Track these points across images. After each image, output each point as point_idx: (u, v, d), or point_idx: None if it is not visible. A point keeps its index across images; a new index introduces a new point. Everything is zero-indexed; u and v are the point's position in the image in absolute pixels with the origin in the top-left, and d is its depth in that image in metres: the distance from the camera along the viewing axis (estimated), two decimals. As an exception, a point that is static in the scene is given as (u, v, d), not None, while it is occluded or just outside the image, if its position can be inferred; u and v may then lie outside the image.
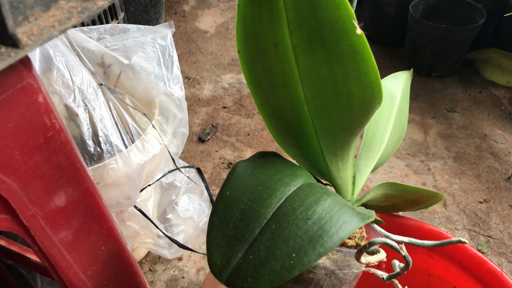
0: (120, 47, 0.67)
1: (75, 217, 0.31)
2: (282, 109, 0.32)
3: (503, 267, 0.90)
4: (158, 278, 0.86)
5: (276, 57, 0.28)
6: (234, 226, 0.29)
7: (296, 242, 0.27)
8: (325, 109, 0.30)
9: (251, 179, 0.32)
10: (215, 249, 0.29)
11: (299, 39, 0.26)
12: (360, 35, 0.25)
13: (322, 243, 0.27)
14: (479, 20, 1.35)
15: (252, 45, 0.28)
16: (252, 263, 0.27)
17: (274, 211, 0.29)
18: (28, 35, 0.20)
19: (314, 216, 0.28)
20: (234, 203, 0.30)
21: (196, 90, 1.40)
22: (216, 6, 1.91)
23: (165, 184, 0.81)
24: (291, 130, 0.34)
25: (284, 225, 0.28)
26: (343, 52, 0.26)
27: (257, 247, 0.28)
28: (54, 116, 0.26)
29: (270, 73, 0.29)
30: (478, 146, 1.20)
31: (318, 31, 0.25)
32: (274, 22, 0.26)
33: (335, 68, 0.27)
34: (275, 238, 0.28)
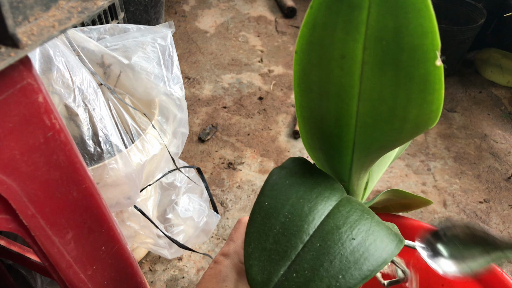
0: (120, 47, 0.67)
1: (75, 217, 0.31)
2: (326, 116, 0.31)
3: (503, 267, 0.90)
4: (158, 278, 0.86)
5: (339, 68, 0.27)
6: (274, 240, 0.28)
7: (342, 263, 0.26)
8: (374, 127, 0.29)
9: (291, 191, 0.31)
10: (254, 263, 0.28)
11: (372, 57, 0.25)
12: (439, 67, 0.24)
13: (369, 266, 0.26)
14: (479, 20, 1.35)
15: (314, 49, 0.27)
16: (295, 282, 0.26)
17: (317, 227, 0.29)
18: (28, 35, 0.20)
19: (358, 236, 0.28)
20: (274, 215, 0.29)
21: (196, 90, 1.40)
22: (216, 6, 1.91)
23: (165, 184, 0.81)
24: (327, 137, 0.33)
25: (330, 244, 0.27)
26: (414, 79, 0.25)
27: (301, 265, 0.27)
28: (54, 116, 0.26)
29: (325, 81, 0.29)
30: (478, 146, 1.20)
31: (395, 53, 0.24)
32: (349, 34, 0.25)
33: (399, 92, 0.26)
34: (320, 257, 0.27)
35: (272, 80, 1.45)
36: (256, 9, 1.90)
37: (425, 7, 0.22)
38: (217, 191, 1.05)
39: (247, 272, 0.28)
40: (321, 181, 0.32)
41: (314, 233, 0.28)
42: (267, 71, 1.50)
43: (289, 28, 1.77)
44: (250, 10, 1.88)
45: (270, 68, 1.52)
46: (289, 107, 1.33)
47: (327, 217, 0.29)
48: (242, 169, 1.11)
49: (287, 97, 1.37)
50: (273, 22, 1.80)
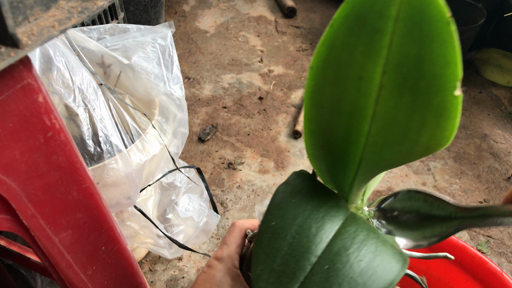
0: (120, 47, 0.67)
1: (75, 217, 0.31)
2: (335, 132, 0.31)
3: (503, 267, 0.90)
4: (158, 278, 0.86)
5: (355, 89, 0.27)
6: (282, 262, 0.28)
7: (351, 285, 0.26)
8: (384, 147, 0.29)
9: (298, 210, 0.31)
10: (263, 285, 0.27)
11: (391, 81, 0.25)
12: (457, 97, 0.24)
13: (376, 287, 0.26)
14: (479, 20, 1.35)
15: (331, 68, 0.27)
16: None
17: (325, 248, 0.28)
18: (28, 35, 0.20)
19: (366, 257, 0.28)
20: (282, 236, 0.29)
21: (196, 90, 1.40)
22: (216, 6, 1.91)
23: (165, 184, 0.81)
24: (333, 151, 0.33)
25: (338, 266, 0.27)
26: (431, 106, 0.25)
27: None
28: (54, 116, 0.26)
29: (339, 99, 0.29)
30: (478, 146, 1.20)
31: (415, 80, 0.24)
32: (369, 57, 0.25)
33: (414, 116, 0.26)
34: (329, 280, 0.27)
35: (272, 80, 1.45)
36: (256, 9, 1.90)
37: (450, 38, 0.23)
38: (217, 191, 1.05)
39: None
40: (326, 199, 0.32)
41: (322, 254, 0.28)
42: (267, 71, 1.50)
43: (289, 28, 1.77)
44: (250, 10, 1.88)
45: (270, 68, 1.52)
46: (289, 107, 1.33)
47: (334, 237, 0.29)
48: (242, 169, 1.11)
49: (287, 97, 1.37)
50: (273, 22, 1.80)
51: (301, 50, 1.62)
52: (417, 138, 0.27)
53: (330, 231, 0.30)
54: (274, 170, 1.11)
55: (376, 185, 0.41)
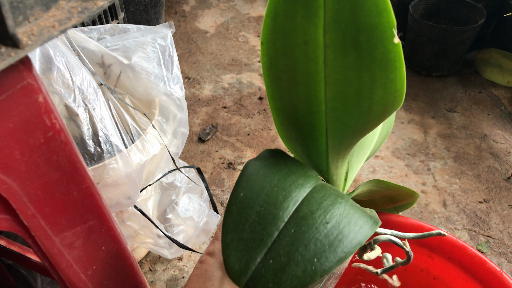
0: (120, 47, 0.67)
1: (75, 217, 0.31)
2: (296, 105, 0.31)
3: (503, 267, 0.90)
4: (158, 278, 0.86)
5: (304, 55, 0.27)
6: (250, 229, 0.28)
7: (317, 246, 0.27)
8: (343, 111, 0.30)
9: (265, 180, 0.31)
10: (231, 253, 0.28)
11: (333, 40, 0.26)
12: (397, 44, 0.24)
13: (343, 248, 0.26)
14: (479, 20, 1.35)
15: (279, 38, 0.28)
16: (272, 268, 0.27)
17: (292, 214, 0.29)
18: (28, 35, 0.20)
19: (332, 219, 0.28)
20: (249, 205, 0.30)
21: (196, 90, 1.40)
22: (216, 6, 1.91)
23: (165, 184, 0.81)
24: (300, 126, 0.33)
25: (304, 229, 0.27)
26: (375, 59, 0.25)
27: (277, 252, 0.27)
28: (54, 116, 0.26)
29: (292, 69, 0.29)
30: (478, 146, 1.20)
31: (354, 34, 0.25)
32: (309, 19, 0.25)
33: (363, 73, 0.26)
34: (295, 243, 0.27)
35: (272, 80, 1.45)
36: (256, 9, 1.90)
37: None
38: (217, 191, 1.05)
39: (225, 262, 0.28)
40: (295, 169, 0.33)
41: (289, 219, 0.29)
42: (267, 71, 1.50)
43: (289, 28, 1.77)
44: (250, 10, 1.88)
45: (270, 68, 1.52)
46: (289, 107, 1.33)
47: (301, 204, 0.29)
48: (242, 169, 1.11)
49: (287, 97, 1.37)
50: (273, 22, 1.80)
51: (301, 50, 1.63)
52: (371, 96, 0.27)
53: (298, 198, 0.30)
54: (274, 170, 1.11)
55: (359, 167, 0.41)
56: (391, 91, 0.27)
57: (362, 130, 0.31)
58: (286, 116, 0.33)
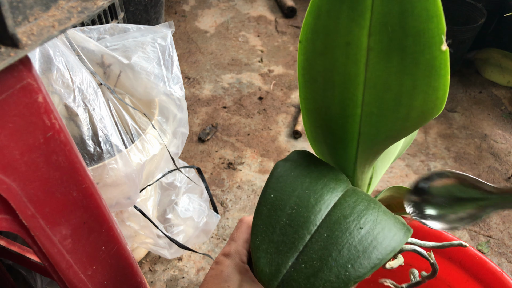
0: (120, 47, 0.67)
1: (75, 217, 0.31)
2: (330, 107, 0.31)
3: (503, 267, 0.90)
4: (158, 278, 0.86)
5: (344, 56, 0.27)
6: (281, 232, 0.28)
7: (351, 252, 0.26)
8: (379, 116, 0.29)
9: (296, 182, 0.30)
10: (262, 255, 0.27)
11: (377, 43, 0.25)
12: (444, 51, 0.24)
13: (377, 254, 0.26)
14: (479, 20, 1.35)
15: (319, 38, 0.27)
16: (304, 272, 0.26)
17: (324, 217, 0.28)
18: (28, 35, 0.20)
19: (366, 225, 0.27)
20: (280, 207, 0.29)
21: (196, 90, 1.40)
22: (216, 6, 1.91)
23: (165, 184, 0.81)
24: (331, 129, 0.33)
25: (337, 233, 0.27)
26: (420, 65, 0.25)
27: (309, 256, 0.27)
28: (54, 116, 0.26)
29: (330, 70, 0.28)
30: (478, 146, 1.20)
31: (400, 39, 0.24)
32: (354, 20, 0.25)
33: (405, 79, 0.26)
34: (328, 247, 0.26)
35: (272, 80, 1.45)
36: (256, 9, 1.90)
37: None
38: (217, 191, 1.05)
39: (255, 264, 0.28)
40: (326, 172, 0.32)
41: (321, 223, 0.28)
42: (267, 71, 1.50)
43: (289, 28, 1.77)
44: (250, 10, 1.88)
45: (270, 68, 1.52)
46: (289, 107, 1.33)
47: (333, 208, 0.29)
48: (242, 169, 1.11)
49: (287, 97, 1.37)
50: (273, 22, 1.80)
51: (301, 50, 1.62)
52: (411, 102, 0.27)
53: (330, 201, 0.29)
54: (274, 170, 1.11)
55: (383, 172, 0.41)
56: (432, 99, 0.26)
57: (396, 136, 0.30)
58: (317, 117, 0.32)
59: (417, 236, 0.50)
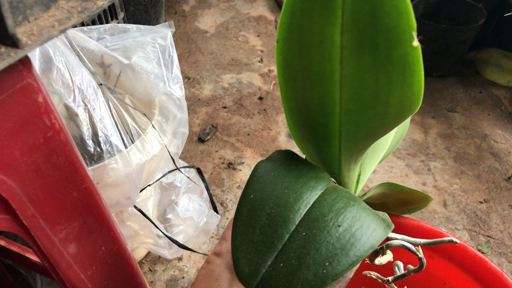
0: (120, 47, 0.67)
1: (75, 217, 0.31)
2: (310, 106, 0.31)
3: (503, 267, 0.90)
4: (158, 278, 0.86)
5: (320, 55, 0.27)
6: (261, 232, 0.28)
7: (329, 250, 0.26)
8: (358, 114, 0.29)
9: (276, 182, 0.31)
10: (241, 255, 0.28)
11: (350, 40, 0.25)
12: (416, 47, 0.24)
13: (355, 251, 0.26)
14: (479, 20, 1.35)
15: (295, 37, 0.27)
16: (283, 271, 0.26)
17: (303, 216, 0.28)
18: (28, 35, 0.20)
19: (344, 223, 0.27)
20: (260, 207, 0.29)
21: (196, 90, 1.40)
22: (216, 6, 1.91)
23: (165, 184, 0.81)
24: (313, 127, 0.33)
25: (315, 232, 0.27)
26: (393, 61, 0.25)
27: (288, 255, 0.27)
28: (54, 116, 0.26)
29: (307, 69, 0.28)
30: (478, 146, 1.20)
31: (372, 36, 0.24)
32: (326, 19, 0.25)
33: (380, 75, 0.26)
34: (306, 246, 0.27)
35: (272, 80, 1.45)
36: (256, 9, 1.90)
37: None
38: (217, 191, 1.05)
39: (235, 264, 0.28)
40: (306, 171, 0.32)
41: (300, 222, 0.28)
42: (267, 71, 1.50)
43: (289, 28, 1.77)
44: (250, 10, 1.88)
45: (270, 68, 1.52)
46: (289, 107, 1.33)
47: (312, 206, 0.29)
48: (242, 169, 1.11)
49: (287, 97, 1.37)
50: (273, 22, 1.80)
51: (301, 50, 1.63)
52: (388, 99, 0.27)
53: (309, 200, 0.29)
54: (274, 170, 1.11)
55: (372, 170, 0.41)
56: (408, 95, 0.26)
57: (376, 133, 0.31)
58: (299, 116, 0.33)
59: (417, 235, 0.50)
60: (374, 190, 0.42)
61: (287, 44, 0.28)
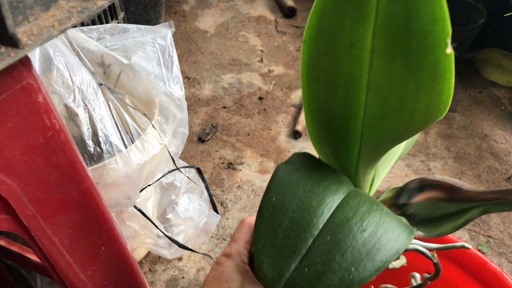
0: (120, 47, 0.67)
1: (75, 217, 0.31)
2: (333, 108, 0.31)
3: (503, 267, 0.90)
4: (158, 278, 0.86)
5: (348, 57, 0.27)
6: (283, 235, 0.28)
7: (354, 255, 0.26)
8: (382, 118, 0.29)
9: (298, 185, 0.30)
10: (264, 259, 0.27)
11: (381, 44, 0.25)
12: (449, 55, 0.23)
13: (381, 257, 0.26)
14: (479, 20, 1.35)
15: (323, 38, 0.27)
16: (308, 276, 0.26)
17: (326, 220, 0.28)
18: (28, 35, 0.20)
19: (369, 227, 0.27)
20: (282, 211, 0.29)
21: (196, 90, 1.40)
22: (216, 6, 1.91)
23: (165, 184, 0.81)
24: (334, 130, 0.33)
25: (340, 236, 0.27)
26: (424, 67, 0.24)
27: (312, 259, 0.27)
28: (54, 116, 0.26)
29: (333, 71, 0.28)
30: (478, 146, 1.20)
31: (405, 41, 0.24)
32: (358, 21, 0.25)
33: (409, 81, 0.25)
34: (332, 250, 0.26)
35: (272, 80, 1.45)
36: (256, 9, 1.90)
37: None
38: (217, 191, 1.05)
39: (258, 268, 0.27)
40: (328, 174, 0.32)
41: (323, 226, 0.28)
42: (267, 71, 1.50)
43: (289, 28, 1.77)
44: (250, 10, 1.88)
45: (270, 68, 1.52)
46: (289, 107, 1.33)
47: (336, 210, 0.29)
48: (242, 169, 1.11)
49: (287, 97, 1.37)
50: (273, 22, 1.80)
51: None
52: (415, 105, 0.27)
53: (332, 204, 0.29)
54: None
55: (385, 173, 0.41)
56: (436, 102, 0.26)
57: (398, 138, 0.30)
58: (320, 118, 0.32)
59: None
60: (386, 194, 0.42)
61: (314, 45, 0.28)
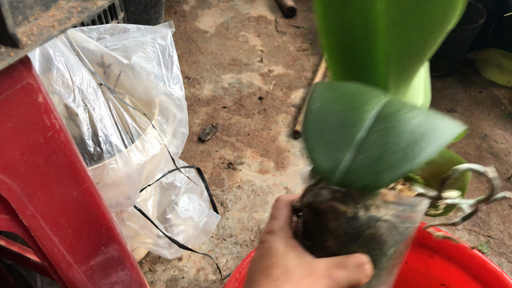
0: (120, 47, 0.67)
1: (75, 217, 0.31)
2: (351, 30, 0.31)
3: (503, 267, 0.90)
4: (158, 278, 0.86)
5: None
6: (334, 133, 0.28)
7: (408, 139, 0.26)
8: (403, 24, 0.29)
9: (339, 92, 0.31)
10: (318, 155, 0.28)
11: None
12: None
13: (436, 138, 0.26)
14: (479, 20, 1.35)
15: None
16: (367, 161, 0.27)
17: (374, 114, 0.28)
18: (28, 35, 0.20)
19: (418, 117, 0.27)
20: (327, 114, 0.29)
21: (196, 90, 1.40)
22: (216, 6, 1.91)
23: (165, 184, 0.81)
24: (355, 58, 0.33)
25: (392, 123, 0.27)
26: None
27: (368, 146, 0.27)
28: (54, 116, 0.26)
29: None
30: (478, 146, 1.20)
31: None
32: None
33: None
34: (386, 137, 0.27)
35: (272, 80, 1.45)
36: (256, 9, 1.90)
37: None
38: (217, 191, 1.05)
39: (314, 162, 0.28)
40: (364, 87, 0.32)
41: (373, 119, 0.28)
42: (267, 71, 1.50)
43: (289, 28, 1.77)
44: (250, 10, 1.88)
45: (270, 68, 1.52)
46: (289, 107, 1.33)
47: (382, 107, 0.29)
48: (242, 169, 1.11)
49: (287, 97, 1.37)
50: (273, 22, 1.80)
51: (301, 50, 1.62)
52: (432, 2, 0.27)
53: (376, 104, 0.29)
54: (274, 170, 1.11)
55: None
56: None
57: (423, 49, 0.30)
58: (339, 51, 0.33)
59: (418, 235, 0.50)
60: None
61: None
